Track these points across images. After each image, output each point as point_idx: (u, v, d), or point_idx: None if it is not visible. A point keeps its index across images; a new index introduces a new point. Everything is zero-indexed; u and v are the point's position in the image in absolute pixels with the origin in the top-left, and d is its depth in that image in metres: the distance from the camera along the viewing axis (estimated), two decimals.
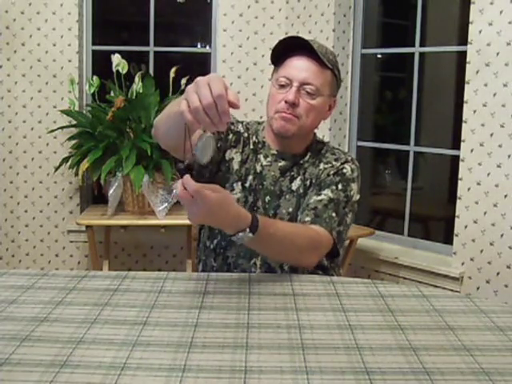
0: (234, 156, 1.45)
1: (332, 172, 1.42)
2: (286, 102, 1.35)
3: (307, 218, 1.34)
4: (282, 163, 1.44)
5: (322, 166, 1.44)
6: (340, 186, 1.40)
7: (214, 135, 1.33)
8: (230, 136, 1.45)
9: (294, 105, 1.35)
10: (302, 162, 1.45)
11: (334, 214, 1.36)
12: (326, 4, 2.99)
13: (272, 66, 1.46)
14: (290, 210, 1.42)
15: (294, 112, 1.36)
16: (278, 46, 1.38)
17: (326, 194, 1.38)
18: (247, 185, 1.44)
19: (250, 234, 1.15)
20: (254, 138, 1.49)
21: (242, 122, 1.51)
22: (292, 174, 1.44)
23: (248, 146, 1.47)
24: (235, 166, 1.45)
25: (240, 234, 1.15)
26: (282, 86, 1.37)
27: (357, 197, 1.43)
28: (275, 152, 1.45)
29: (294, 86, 1.35)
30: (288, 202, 1.42)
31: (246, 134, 1.48)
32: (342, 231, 1.37)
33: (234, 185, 1.44)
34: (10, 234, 3.20)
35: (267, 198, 1.43)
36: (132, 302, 1.05)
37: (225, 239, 1.42)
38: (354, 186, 1.43)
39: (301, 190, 1.43)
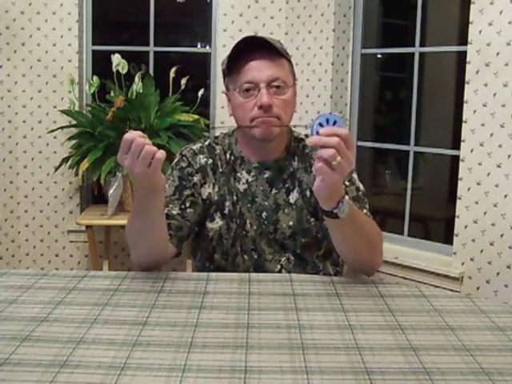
0: (210, 190, 1.39)
1: None
2: (260, 107, 1.26)
3: None
4: (267, 174, 1.38)
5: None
6: (347, 182, 1.35)
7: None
8: (195, 178, 1.38)
9: (270, 106, 1.26)
10: (292, 169, 1.38)
11: (365, 211, 1.34)
12: (325, 4, 2.99)
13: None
14: (291, 223, 1.37)
15: (272, 114, 1.27)
16: (230, 56, 1.31)
17: None
18: (226, 211, 1.38)
19: (350, 201, 1.11)
20: (229, 154, 1.41)
21: (202, 151, 1.41)
22: (287, 185, 1.38)
23: (218, 170, 1.40)
24: (215, 197, 1.39)
25: (344, 200, 1.10)
26: (247, 93, 1.28)
27: (362, 187, 1.39)
28: (257, 165, 1.38)
29: (262, 88, 1.26)
30: (287, 215, 1.37)
31: (210, 160, 1.40)
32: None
33: (214, 215, 1.39)
34: (10, 234, 3.20)
35: (264, 214, 1.37)
36: (132, 302, 1.05)
37: (225, 260, 1.39)
38: (356, 176, 1.39)
39: (300, 202, 1.37)
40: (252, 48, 1.29)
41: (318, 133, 1.03)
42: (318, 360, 0.83)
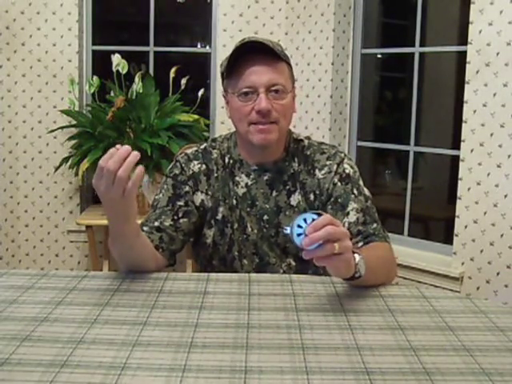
0: (203, 197, 1.37)
1: (336, 179, 1.34)
2: (258, 112, 1.25)
3: (360, 244, 1.27)
4: (266, 176, 1.36)
5: (318, 173, 1.36)
6: (355, 192, 1.33)
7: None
8: (187, 187, 1.36)
9: (269, 112, 1.25)
10: (292, 171, 1.36)
11: (375, 225, 1.32)
12: (325, 4, 2.99)
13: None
14: None
15: (270, 119, 1.26)
16: (229, 59, 1.28)
17: (353, 208, 1.31)
18: (219, 217, 1.36)
19: (362, 260, 1.07)
20: (227, 158, 1.39)
21: (196, 156, 1.40)
22: (287, 187, 1.36)
23: (212, 175, 1.38)
24: (209, 203, 1.37)
25: (358, 260, 1.06)
26: (245, 97, 1.27)
27: (368, 192, 1.37)
28: (255, 167, 1.36)
29: (261, 93, 1.25)
30: (289, 218, 1.33)
31: (204, 166, 1.38)
32: (387, 234, 1.34)
33: (211, 221, 1.37)
34: (10, 234, 3.20)
35: (265, 218, 1.35)
36: (132, 302, 1.05)
37: (224, 266, 1.38)
38: (362, 182, 1.37)
39: (302, 205, 1.34)
40: (252, 51, 1.26)
41: (298, 235, 0.98)
42: (318, 360, 0.83)
